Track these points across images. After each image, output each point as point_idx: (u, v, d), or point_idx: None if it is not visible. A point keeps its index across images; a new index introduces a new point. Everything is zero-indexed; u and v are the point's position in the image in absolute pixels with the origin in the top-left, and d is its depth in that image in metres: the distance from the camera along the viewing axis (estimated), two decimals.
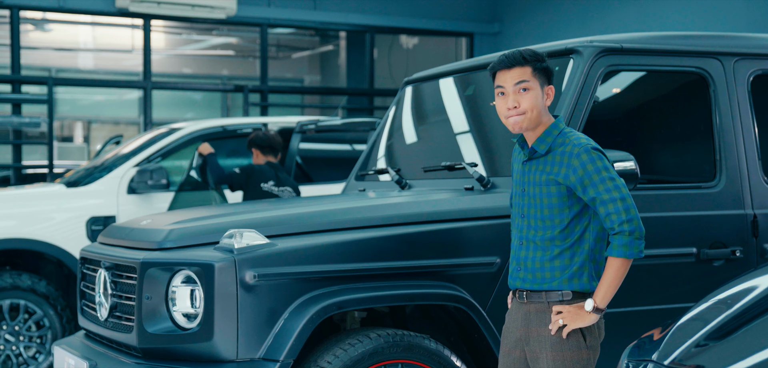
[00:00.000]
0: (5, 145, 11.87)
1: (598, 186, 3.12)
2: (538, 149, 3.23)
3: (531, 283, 3.23)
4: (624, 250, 3.09)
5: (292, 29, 14.25)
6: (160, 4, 11.13)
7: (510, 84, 3.22)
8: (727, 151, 4.31)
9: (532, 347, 3.22)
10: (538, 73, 3.24)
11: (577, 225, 3.20)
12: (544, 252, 3.20)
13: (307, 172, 7.73)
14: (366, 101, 13.22)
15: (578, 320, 3.14)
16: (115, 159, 7.44)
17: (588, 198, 3.14)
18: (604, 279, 3.14)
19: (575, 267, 3.18)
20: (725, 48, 4.41)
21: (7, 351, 6.55)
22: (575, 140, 3.20)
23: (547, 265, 3.19)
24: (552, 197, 3.18)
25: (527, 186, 3.26)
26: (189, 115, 15.76)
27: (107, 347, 3.98)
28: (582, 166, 3.13)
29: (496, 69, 3.28)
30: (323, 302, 3.57)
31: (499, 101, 3.28)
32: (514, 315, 3.31)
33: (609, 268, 3.13)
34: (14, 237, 6.62)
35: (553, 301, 3.20)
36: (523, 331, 3.25)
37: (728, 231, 4.27)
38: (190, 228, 3.83)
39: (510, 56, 3.25)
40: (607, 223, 3.13)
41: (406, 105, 5.30)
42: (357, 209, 3.95)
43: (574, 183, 3.15)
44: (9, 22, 10.94)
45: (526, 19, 12.70)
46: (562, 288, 3.19)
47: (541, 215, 3.21)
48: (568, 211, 3.19)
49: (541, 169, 3.22)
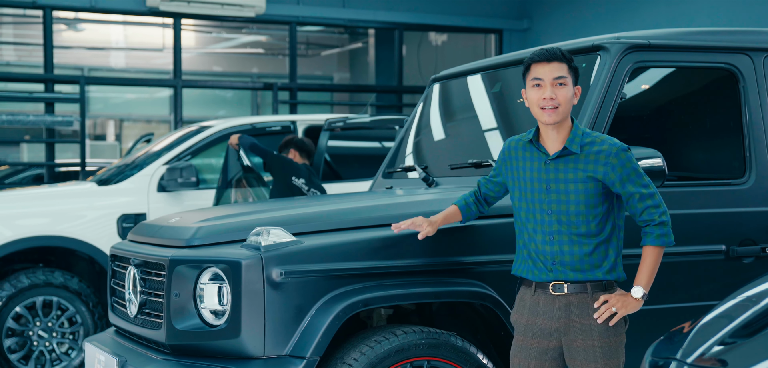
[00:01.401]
0: (38, 143, 12.00)
1: (636, 182, 3.32)
2: (571, 148, 3.34)
3: (572, 276, 3.33)
4: (664, 239, 3.34)
5: (321, 27, 14.29)
6: (190, 3, 11.20)
7: (549, 77, 3.36)
8: (757, 148, 4.28)
9: (574, 336, 3.33)
10: (571, 71, 3.40)
11: (608, 220, 3.36)
12: (581, 246, 3.33)
13: (336, 169, 7.75)
14: (395, 98, 13.23)
15: (628, 307, 3.32)
16: (146, 157, 7.50)
17: (626, 193, 3.33)
18: (646, 267, 3.35)
19: (612, 259, 3.36)
20: (755, 43, 4.37)
21: (41, 347, 6.63)
22: (608, 140, 3.37)
23: (585, 259, 3.33)
24: (589, 193, 3.32)
25: (554, 183, 3.35)
26: (220, 113, 15.87)
27: (137, 344, 4.02)
28: (621, 165, 3.31)
29: (534, 61, 3.40)
30: (350, 299, 3.58)
31: (533, 92, 3.39)
32: (544, 308, 3.36)
33: (649, 256, 3.35)
34: (47, 235, 6.70)
35: (597, 291, 3.33)
36: (563, 322, 3.34)
37: (758, 228, 4.24)
38: (218, 226, 3.86)
39: (550, 50, 3.40)
40: (646, 215, 3.34)
41: (433, 102, 5.30)
42: (382, 207, 3.96)
43: (613, 179, 3.31)
44: (42, 22, 11.06)
45: (555, 15, 12.64)
46: (605, 279, 3.34)
47: (575, 210, 3.33)
48: (601, 207, 3.35)
49: (574, 166, 3.34)
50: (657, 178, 3.80)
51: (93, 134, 17.21)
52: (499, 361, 4.02)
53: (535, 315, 3.38)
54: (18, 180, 11.23)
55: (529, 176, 3.41)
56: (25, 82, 12.29)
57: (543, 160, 3.39)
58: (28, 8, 11.31)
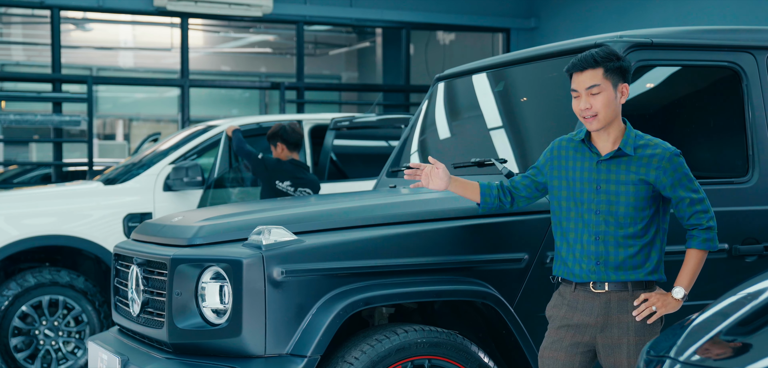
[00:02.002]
0: (47, 143, 12.04)
1: (687, 187, 3.37)
2: (625, 149, 3.37)
3: (614, 276, 3.36)
4: (710, 244, 3.40)
5: (329, 26, 14.30)
6: (197, 2, 11.23)
7: (582, 87, 3.39)
8: (760, 146, 4.27)
9: (611, 333, 3.36)
10: (610, 73, 3.38)
11: (653, 223, 3.40)
12: (626, 248, 3.36)
13: (342, 168, 7.76)
14: (402, 97, 13.23)
15: (668, 306, 3.36)
16: (152, 156, 7.52)
17: (676, 197, 3.37)
18: (689, 270, 3.40)
19: (655, 261, 3.39)
20: (758, 42, 4.36)
21: (47, 346, 6.66)
22: (662, 144, 3.40)
23: (629, 260, 3.37)
24: (639, 196, 3.36)
25: (604, 183, 3.38)
26: (232, 112, 15.89)
27: (139, 343, 4.04)
28: (674, 169, 3.35)
29: (571, 71, 3.43)
30: (350, 298, 3.58)
31: (574, 102, 3.45)
32: (584, 304, 3.39)
33: (693, 259, 3.41)
34: (53, 234, 6.73)
35: (637, 290, 3.37)
36: (601, 319, 3.37)
37: (761, 226, 4.23)
38: (220, 225, 3.87)
39: (582, 59, 3.40)
40: (694, 220, 3.40)
41: (437, 101, 5.30)
42: (384, 206, 3.97)
43: (664, 183, 3.35)
44: (49, 22, 11.10)
45: (563, 14, 12.62)
46: (646, 279, 3.38)
47: (624, 211, 3.36)
48: (649, 209, 3.38)
49: (627, 168, 3.37)
50: None
51: (103, 133, 17.28)
52: (501, 360, 4.02)
53: (574, 310, 3.41)
54: (27, 179, 11.27)
55: (580, 176, 3.43)
56: (33, 81, 12.33)
57: (595, 160, 3.41)
58: (36, 8, 11.35)
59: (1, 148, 14.56)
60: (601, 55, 3.37)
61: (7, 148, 15.11)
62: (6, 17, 14.91)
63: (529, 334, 3.85)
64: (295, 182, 6.46)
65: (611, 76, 3.38)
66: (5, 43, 15.61)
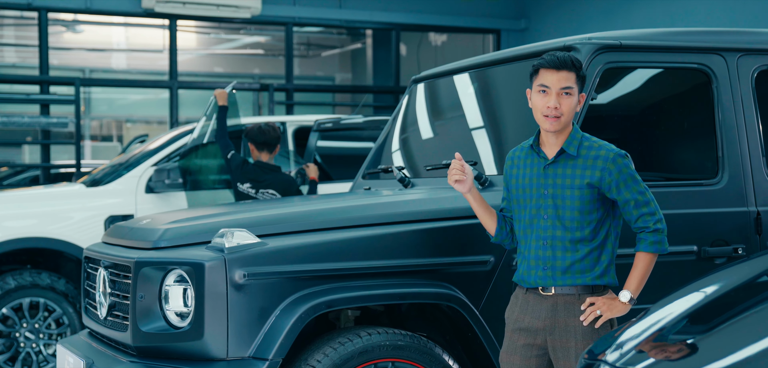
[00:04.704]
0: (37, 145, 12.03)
1: (632, 188, 3.34)
2: (568, 150, 3.35)
3: (561, 281, 3.35)
4: (657, 246, 3.37)
5: (319, 28, 14.30)
6: (185, 4, 11.22)
7: (556, 85, 3.36)
8: (730, 148, 4.26)
9: (560, 336, 3.35)
10: (579, 80, 3.40)
11: (603, 226, 3.38)
12: (574, 252, 3.35)
13: (327, 170, 7.75)
14: (392, 99, 13.23)
15: (614, 310, 3.33)
16: (136, 158, 7.51)
17: (622, 199, 3.34)
18: (637, 273, 3.37)
19: (604, 265, 3.37)
20: (728, 44, 4.35)
21: (28, 349, 6.65)
22: (607, 145, 3.39)
23: (577, 264, 3.35)
24: (585, 199, 3.34)
25: (551, 187, 3.37)
26: None
27: (106, 346, 4.03)
28: (618, 170, 3.33)
29: (543, 66, 3.39)
30: (312, 301, 3.58)
31: (538, 98, 3.39)
32: (533, 307, 3.39)
33: (641, 262, 3.37)
34: (34, 237, 6.72)
35: (584, 294, 3.35)
36: (548, 322, 3.36)
37: (730, 228, 4.22)
38: (184, 228, 3.86)
39: (561, 58, 3.37)
40: (641, 223, 3.36)
41: (413, 103, 5.30)
42: (349, 208, 3.97)
43: (609, 184, 3.33)
44: (37, 24, 11.10)
45: (552, 15, 12.62)
46: (594, 283, 3.36)
47: (570, 215, 3.35)
48: (596, 213, 3.36)
49: (572, 171, 3.35)
50: None
51: (99, 135, 17.27)
52: (468, 363, 4.01)
53: (525, 313, 3.40)
54: (15, 181, 11.27)
55: (529, 181, 3.43)
56: (21, 83, 12.33)
57: (542, 165, 3.41)
58: (24, 10, 11.34)
59: None
60: (576, 61, 3.38)
61: None
62: None
63: (494, 337, 3.85)
64: (255, 184, 6.32)
65: (579, 84, 3.40)
66: None
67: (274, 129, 6.49)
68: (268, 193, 6.31)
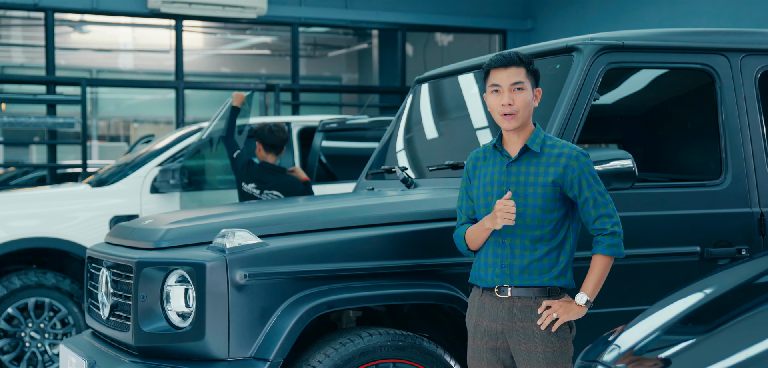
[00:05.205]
0: (41, 145, 12.07)
1: (593, 187, 3.33)
2: (532, 147, 3.34)
3: (518, 281, 3.31)
4: (615, 249, 3.35)
5: (325, 28, 14.30)
6: (191, 4, 11.24)
7: (506, 82, 3.35)
8: (734, 149, 4.25)
9: (518, 340, 3.31)
10: (530, 74, 3.39)
11: (562, 226, 3.35)
12: (532, 251, 3.32)
13: (332, 170, 7.75)
14: (398, 99, 13.22)
15: (570, 313, 3.30)
16: (141, 158, 7.52)
17: (582, 198, 3.32)
18: (594, 276, 3.34)
19: (562, 266, 3.35)
20: (732, 44, 4.34)
21: (33, 349, 6.66)
22: (569, 144, 3.38)
23: (535, 264, 3.31)
24: (547, 197, 3.31)
25: (514, 185, 3.35)
26: None
27: (109, 346, 4.04)
28: (580, 168, 3.32)
29: (492, 66, 3.40)
30: (313, 301, 3.58)
31: (493, 98, 3.40)
32: (489, 310, 3.36)
33: (598, 265, 3.35)
34: (39, 236, 6.74)
35: (540, 297, 3.32)
36: (506, 325, 3.32)
37: (734, 229, 4.20)
38: (186, 228, 3.86)
39: (507, 56, 3.39)
40: (598, 224, 3.35)
41: (417, 103, 5.30)
42: (350, 209, 3.96)
43: (571, 182, 3.32)
44: (44, 24, 11.13)
45: (559, 15, 12.60)
46: (551, 285, 3.32)
47: (532, 213, 3.32)
48: (557, 212, 3.34)
49: (535, 169, 3.34)
50: (627, 179, 3.78)
51: (107, 135, 17.32)
52: None
53: (482, 316, 3.38)
54: (23, 181, 11.31)
55: (490, 180, 3.41)
56: (28, 84, 12.36)
57: (505, 163, 3.39)
58: (30, 10, 11.37)
59: (2, 149, 14.62)
60: (524, 55, 3.39)
61: (7, 150, 15.16)
62: (5, 19, 14.95)
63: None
64: (260, 185, 6.33)
65: (531, 78, 3.39)
66: (4, 46, 15.66)
67: (283, 130, 6.52)
68: (272, 194, 6.31)
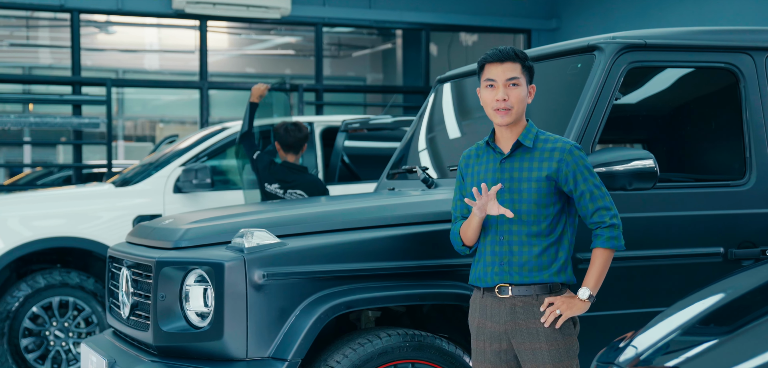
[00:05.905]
0: (67, 145, 12.16)
1: (588, 180, 3.32)
2: (524, 142, 3.33)
3: (518, 278, 3.30)
4: (615, 242, 3.33)
5: (349, 28, 14.30)
6: (215, 5, 11.27)
7: (501, 78, 3.36)
8: (758, 148, 4.20)
9: (522, 340, 3.29)
10: (525, 70, 3.39)
11: (559, 221, 3.34)
12: (531, 247, 3.30)
13: (355, 170, 7.74)
14: (421, 99, 13.20)
15: (573, 309, 3.28)
16: (165, 158, 7.55)
17: (578, 191, 3.31)
18: (595, 270, 3.32)
19: (561, 261, 3.33)
20: (756, 43, 4.29)
21: (57, 347, 6.71)
22: (562, 138, 3.38)
23: (534, 260, 3.30)
24: (542, 192, 3.31)
25: (508, 181, 3.34)
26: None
27: (129, 345, 4.05)
28: (575, 162, 3.32)
29: (487, 61, 3.40)
30: (332, 301, 3.57)
31: (487, 93, 3.40)
32: (492, 311, 3.34)
33: (599, 259, 3.32)
34: (64, 236, 6.79)
35: (542, 294, 3.30)
36: (509, 325, 3.31)
37: (758, 230, 4.16)
38: (205, 228, 3.87)
39: (503, 51, 3.38)
40: (596, 217, 3.33)
41: (439, 103, 5.28)
42: (369, 209, 3.95)
43: (566, 176, 3.31)
44: (69, 25, 11.20)
45: (584, 15, 12.53)
46: (551, 281, 3.30)
47: (527, 208, 3.31)
48: (554, 206, 3.33)
49: (529, 164, 3.33)
50: (648, 179, 3.74)
51: (133, 135, 17.41)
52: None
53: (484, 317, 3.36)
54: (49, 181, 11.39)
55: (484, 177, 3.40)
56: (54, 84, 12.45)
57: (498, 159, 3.38)
58: (57, 11, 11.45)
59: (29, 149, 14.73)
60: (519, 52, 3.38)
61: (34, 150, 15.28)
62: (33, 21, 15.07)
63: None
64: (283, 185, 6.30)
65: (526, 74, 3.39)
66: (32, 47, 15.79)
67: (300, 129, 6.44)
68: (296, 193, 6.28)
